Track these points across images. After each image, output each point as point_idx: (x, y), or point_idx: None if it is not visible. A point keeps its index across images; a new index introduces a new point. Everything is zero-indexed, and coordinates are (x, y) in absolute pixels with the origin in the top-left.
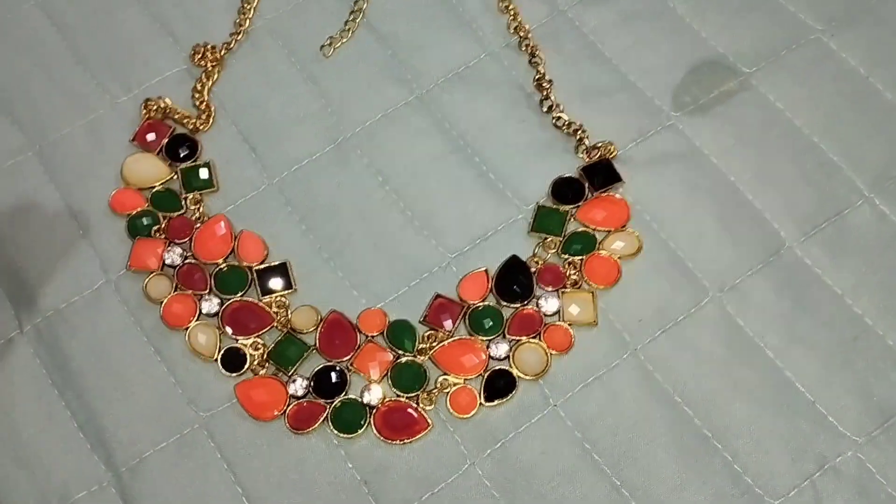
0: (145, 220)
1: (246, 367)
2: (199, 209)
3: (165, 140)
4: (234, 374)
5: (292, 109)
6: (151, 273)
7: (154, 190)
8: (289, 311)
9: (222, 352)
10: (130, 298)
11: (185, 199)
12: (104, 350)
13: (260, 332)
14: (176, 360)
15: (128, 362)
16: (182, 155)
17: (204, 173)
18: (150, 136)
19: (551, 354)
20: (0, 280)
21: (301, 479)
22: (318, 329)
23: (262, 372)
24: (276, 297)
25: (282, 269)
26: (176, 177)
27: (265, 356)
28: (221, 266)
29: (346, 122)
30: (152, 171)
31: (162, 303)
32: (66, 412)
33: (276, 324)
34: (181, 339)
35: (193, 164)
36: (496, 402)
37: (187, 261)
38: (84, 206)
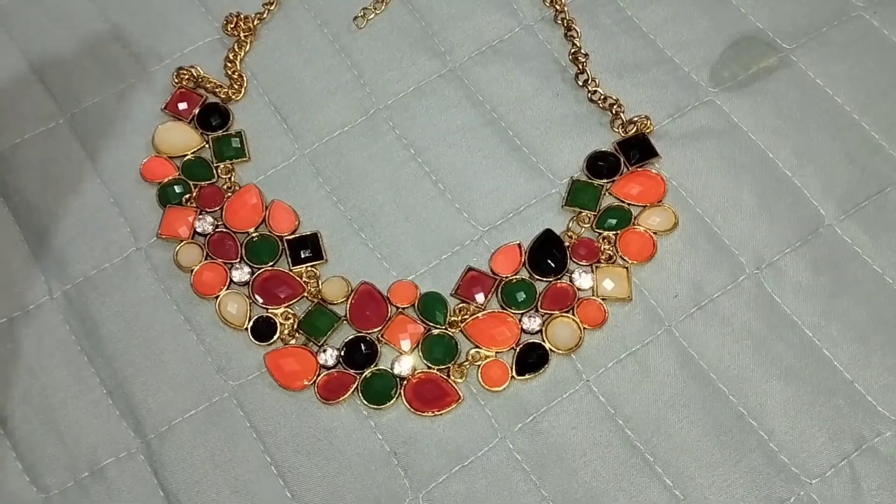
0: (176, 189)
1: (276, 336)
2: (230, 178)
3: (197, 109)
4: (264, 344)
5: (324, 80)
6: (182, 241)
7: (185, 159)
8: (319, 282)
9: (252, 321)
10: (160, 266)
11: (217, 168)
12: (134, 317)
13: (290, 303)
14: (205, 328)
15: (157, 330)
16: (214, 124)
17: (236, 143)
18: (182, 105)
19: (584, 329)
20: (30, 246)
21: (330, 450)
22: (349, 300)
23: (293, 342)
24: (307, 267)
25: (312, 240)
26: (207, 146)
27: (295, 326)
28: (252, 235)
29: (379, 94)
30: (184, 139)
31: (192, 271)
32: (95, 378)
33: (306, 294)
34: (211, 308)
35: (225, 133)
36: (528, 375)
37: (218, 229)
38: (115, 173)
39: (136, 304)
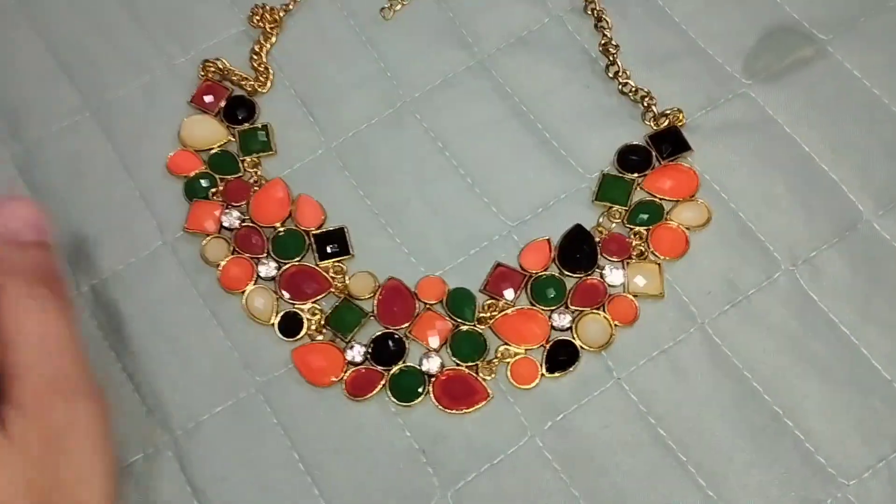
0: (203, 183)
1: (303, 332)
2: (256, 172)
3: (223, 102)
4: (291, 339)
5: (350, 73)
6: (209, 236)
7: (212, 153)
8: (346, 277)
9: (279, 316)
10: (187, 261)
11: (243, 162)
12: (160, 312)
13: (317, 298)
14: (232, 324)
15: (184, 325)
16: (240, 117)
17: (262, 136)
18: (208, 98)
19: (615, 326)
20: (58, 241)
21: (358, 447)
22: (377, 296)
23: (320, 338)
24: (334, 262)
25: (339, 235)
26: (233, 139)
27: (323, 322)
28: (279, 230)
29: (405, 87)
30: (210, 133)
31: (219, 266)
32: (122, 374)
33: (332, 289)
34: (237, 303)
35: (251, 126)
36: (558, 373)
37: (244, 224)
38: (141, 167)
39: (162, 299)
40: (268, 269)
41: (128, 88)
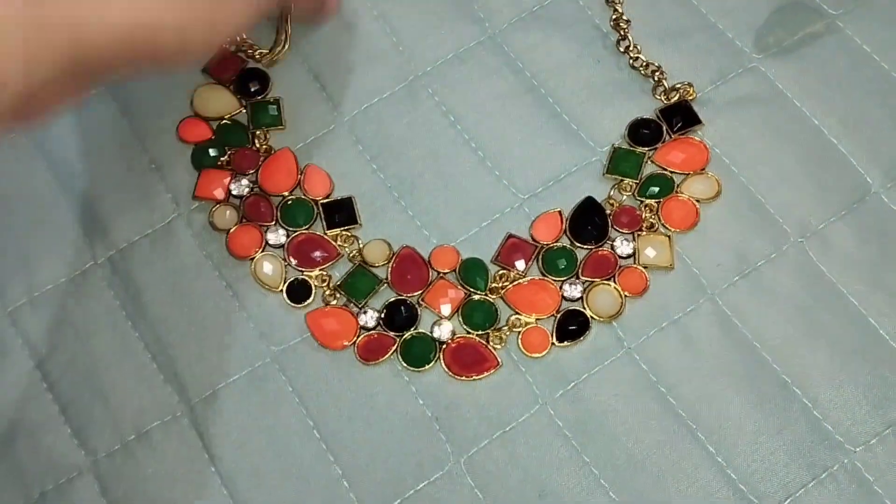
0: (210, 152)
1: (311, 298)
2: (265, 145)
3: (236, 73)
4: (300, 305)
5: (363, 47)
6: (217, 203)
7: (221, 122)
8: (360, 243)
9: (287, 283)
10: (202, 232)
11: (253, 134)
12: (176, 283)
13: (325, 266)
14: (247, 294)
15: (199, 295)
16: (252, 90)
17: (273, 110)
18: (222, 69)
19: (626, 297)
20: (74, 212)
21: (372, 414)
22: (390, 263)
23: (333, 303)
24: (341, 231)
25: (346, 204)
26: (245, 111)
27: (335, 287)
28: (287, 199)
29: (418, 61)
30: (222, 103)
31: (228, 232)
32: (139, 343)
33: (347, 256)
34: (252, 274)
35: (263, 99)
36: (568, 342)
37: (253, 192)
38: (155, 138)
39: (178, 270)
40: (276, 236)
41: None
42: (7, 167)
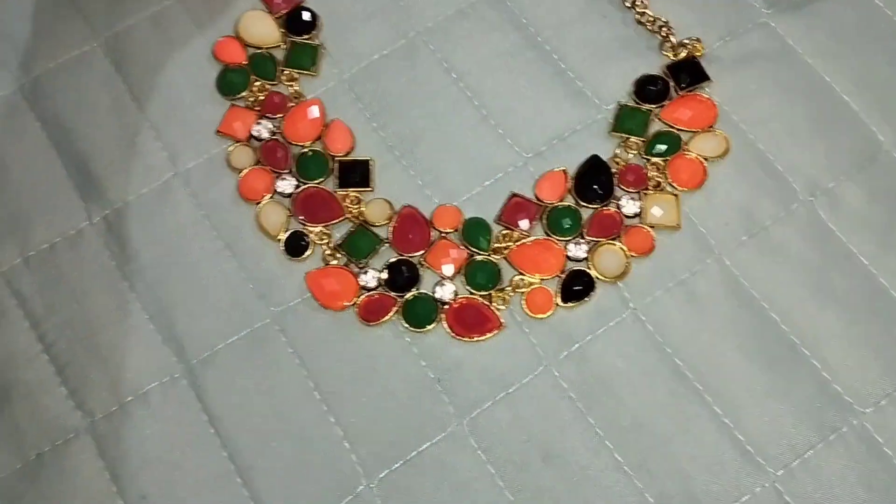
0: (235, 78)
1: (308, 253)
2: (293, 87)
3: (290, 9)
4: (296, 259)
5: (361, 2)
6: (236, 142)
7: (257, 52)
8: (362, 204)
9: (287, 234)
10: (199, 192)
11: (282, 72)
12: (173, 243)
13: (329, 223)
14: (246, 255)
15: (197, 256)
16: (299, 29)
17: (311, 54)
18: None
19: (631, 257)
20: (69, 171)
21: (373, 375)
22: (392, 223)
23: (334, 262)
24: (352, 191)
25: (363, 167)
26: (284, 47)
27: (335, 246)
28: (306, 150)
29: (418, 17)
30: (265, 32)
31: (241, 173)
32: (136, 303)
33: (348, 215)
34: (251, 234)
35: (306, 41)
36: (573, 303)
37: (273, 137)
38: (151, 98)
39: (175, 230)
40: (286, 185)
41: (136, 18)
42: (0, 126)
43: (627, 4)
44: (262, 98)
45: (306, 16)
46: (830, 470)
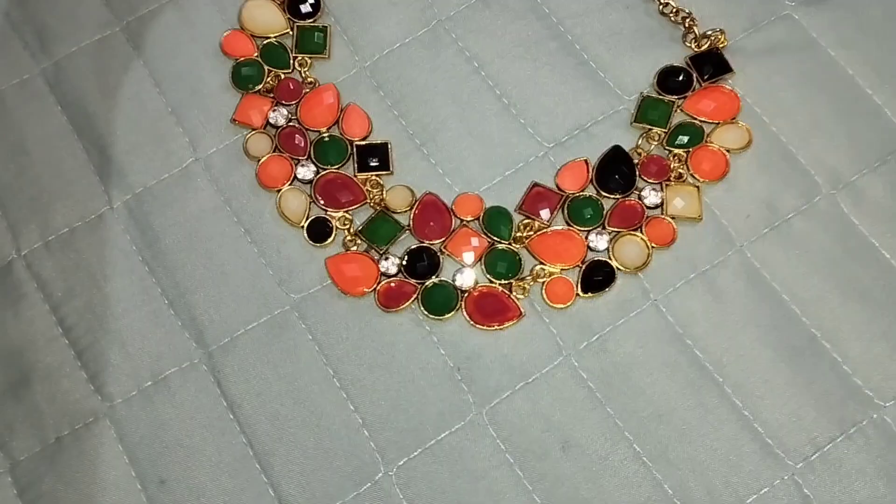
0: (249, 70)
1: (330, 239)
2: (305, 72)
3: None
4: (318, 245)
5: None
6: (253, 130)
7: (266, 41)
8: (384, 190)
9: (309, 220)
10: (220, 178)
11: (295, 59)
12: (194, 228)
13: (350, 208)
14: (266, 241)
15: (217, 242)
16: (304, 12)
17: (319, 37)
18: None
19: (653, 248)
20: (90, 156)
21: (392, 363)
22: (413, 210)
23: (354, 248)
24: (371, 175)
25: (382, 150)
26: (291, 33)
27: (356, 232)
28: (323, 135)
29: (440, 5)
30: (270, 20)
31: (259, 160)
32: (156, 289)
33: (369, 201)
34: (271, 221)
35: (312, 24)
36: (593, 294)
37: (290, 124)
38: (172, 83)
39: (196, 216)
40: (306, 171)
41: (159, 2)
42: (22, 110)
43: None
44: (275, 84)
45: (305, 5)
46: (850, 463)
